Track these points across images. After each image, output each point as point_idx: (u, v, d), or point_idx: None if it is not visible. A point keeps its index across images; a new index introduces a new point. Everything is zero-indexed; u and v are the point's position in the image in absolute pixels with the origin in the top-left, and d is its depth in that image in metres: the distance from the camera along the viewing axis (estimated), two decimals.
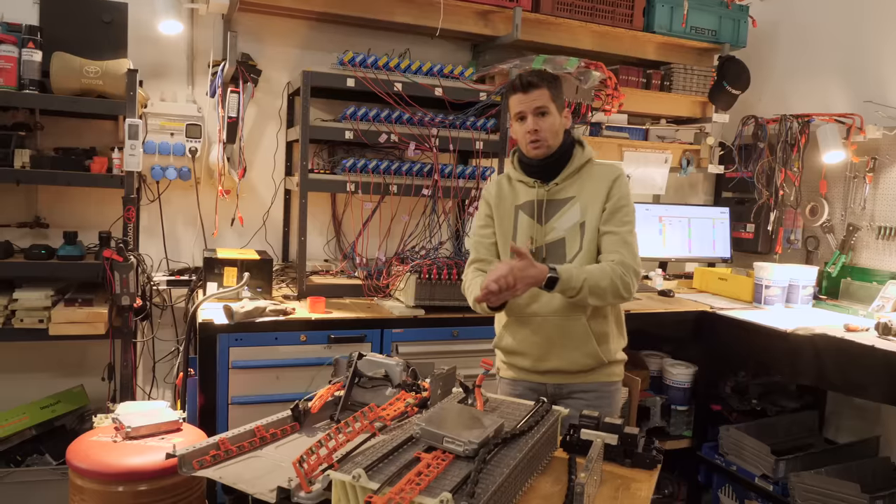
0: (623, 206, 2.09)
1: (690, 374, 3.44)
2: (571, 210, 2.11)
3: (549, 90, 2.07)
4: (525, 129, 2.08)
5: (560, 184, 2.13)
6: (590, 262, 2.07)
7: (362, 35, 3.40)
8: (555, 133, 2.10)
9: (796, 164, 3.67)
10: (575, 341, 2.09)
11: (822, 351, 2.75)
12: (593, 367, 2.12)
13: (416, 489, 1.16)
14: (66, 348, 3.02)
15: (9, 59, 2.58)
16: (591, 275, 1.96)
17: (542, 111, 2.06)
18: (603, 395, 2.14)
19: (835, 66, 3.74)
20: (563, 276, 1.93)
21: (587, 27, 3.49)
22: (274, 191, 3.41)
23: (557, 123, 2.10)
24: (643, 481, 1.56)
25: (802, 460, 3.05)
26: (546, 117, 2.07)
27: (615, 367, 2.18)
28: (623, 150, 3.73)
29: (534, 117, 2.06)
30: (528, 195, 2.16)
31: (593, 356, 2.10)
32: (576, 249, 2.09)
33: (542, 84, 2.06)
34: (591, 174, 2.14)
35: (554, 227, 2.12)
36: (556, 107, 2.08)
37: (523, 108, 2.07)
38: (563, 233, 2.11)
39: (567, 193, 2.13)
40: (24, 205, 3.00)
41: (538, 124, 2.06)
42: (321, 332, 2.63)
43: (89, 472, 2.03)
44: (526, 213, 2.15)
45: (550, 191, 2.13)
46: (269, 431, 1.64)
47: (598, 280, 1.96)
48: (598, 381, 2.14)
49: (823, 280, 3.59)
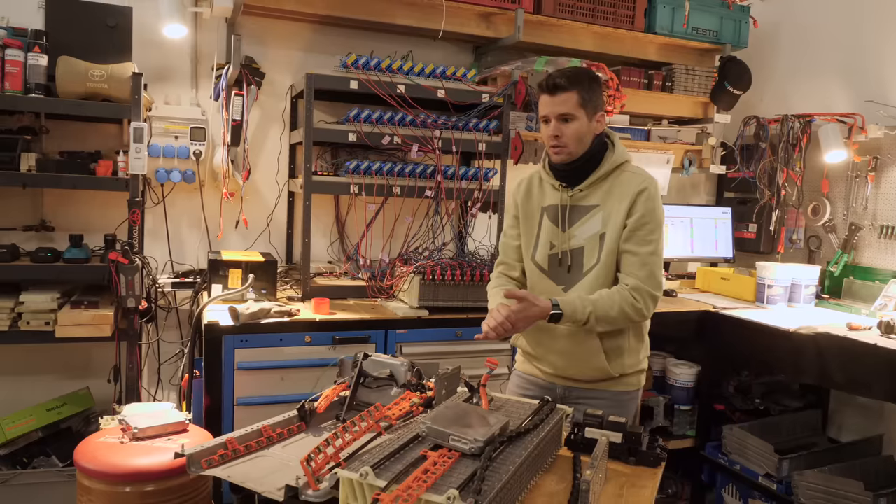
0: (646, 223, 1.98)
1: (693, 373, 3.45)
2: (594, 219, 2.04)
3: (579, 94, 1.96)
4: (548, 132, 2.01)
5: (584, 190, 2.05)
6: (607, 277, 2.02)
7: (365, 38, 3.42)
8: (579, 139, 2.00)
9: (798, 164, 3.68)
10: (585, 355, 2.05)
11: (824, 350, 2.76)
12: (603, 379, 2.08)
13: (423, 486, 1.18)
14: (71, 351, 3.03)
15: (15, 63, 2.60)
16: (597, 305, 1.93)
17: (566, 117, 1.97)
18: (615, 403, 2.06)
19: (836, 65, 3.75)
20: (567, 311, 1.91)
21: (589, 28, 3.50)
22: (278, 193, 3.43)
23: (584, 129, 1.99)
24: (647, 479, 1.57)
25: (806, 459, 3.06)
26: (570, 123, 1.98)
27: (630, 378, 2.11)
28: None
29: (557, 122, 1.98)
30: (553, 198, 2.10)
31: (602, 370, 2.05)
32: (593, 261, 2.03)
33: (570, 87, 1.96)
34: (619, 182, 2.03)
35: (575, 234, 2.05)
36: (585, 112, 1.98)
37: (547, 111, 2.00)
38: (582, 241, 2.04)
39: (591, 201, 2.05)
40: (31, 208, 3.02)
41: (560, 130, 1.98)
42: (326, 334, 2.64)
43: (97, 473, 2.04)
44: (549, 217, 2.10)
45: (574, 196, 2.06)
46: (275, 431, 1.65)
47: (607, 310, 1.93)
48: (610, 390, 2.09)
49: (826, 279, 3.60)
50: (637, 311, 1.96)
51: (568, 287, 2.06)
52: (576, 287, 2.05)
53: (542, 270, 2.11)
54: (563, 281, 2.08)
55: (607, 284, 2.02)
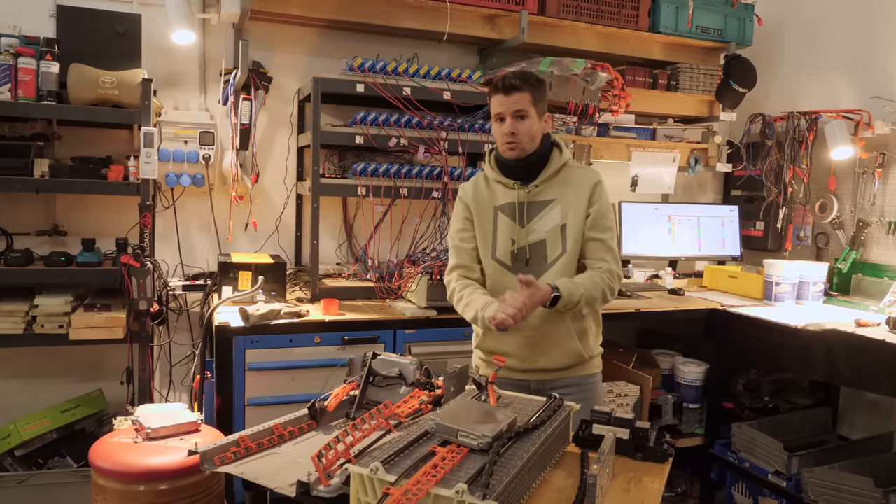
0: (605, 212, 2.16)
1: (702, 371, 3.45)
2: (552, 212, 2.16)
3: (532, 93, 2.09)
4: (503, 130, 2.12)
5: (539, 185, 2.17)
6: (573, 264, 2.14)
7: (371, 41, 3.45)
8: (531, 137, 2.12)
9: (805, 161, 3.68)
10: (558, 341, 2.15)
11: (832, 346, 2.76)
12: (575, 364, 2.18)
13: (432, 481, 1.20)
14: (85, 353, 3.07)
15: (28, 71, 2.64)
16: (586, 288, 2.05)
17: (521, 115, 2.09)
18: (585, 387, 2.20)
19: (841, 62, 3.75)
20: (565, 293, 2.00)
21: (593, 29, 3.52)
22: (286, 196, 3.46)
23: (535, 128, 2.12)
24: (655, 474, 1.59)
25: (816, 456, 3.05)
26: (524, 121, 2.09)
27: (595, 360, 2.25)
28: (631, 150, 3.76)
29: (512, 120, 2.09)
30: (507, 196, 2.19)
31: (576, 354, 2.16)
32: (558, 251, 2.14)
33: (524, 87, 2.08)
34: (571, 178, 2.18)
35: (535, 228, 2.16)
36: (536, 111, 2.11)
37: (503, 109, 2.10)
38: (543, 234, 2.16)
39: (547, 196, 2.17)
40: (44, 213, 3.07)
41: (515, 127, 2.09)
42: (335, 334, 2.67)
43: (111, 472, 2.08)
44: (506, 214, 2.19)
45: (531, 192, 2.17)
46: (287, 429, 1.68)
47: (592, 292, 2.06)
48: (579, 375, 2.20)
49: (834, 276, 3.60)
50: (611, 291, 2.12)
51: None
52: (543, 277, 2.12)
53: (504, 267, 2.18)
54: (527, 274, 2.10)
55: (573, 272, 2.14)
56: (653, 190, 3.90)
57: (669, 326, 3.64)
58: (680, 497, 3.53)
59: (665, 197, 4.10)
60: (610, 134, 3.74)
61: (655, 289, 3.61)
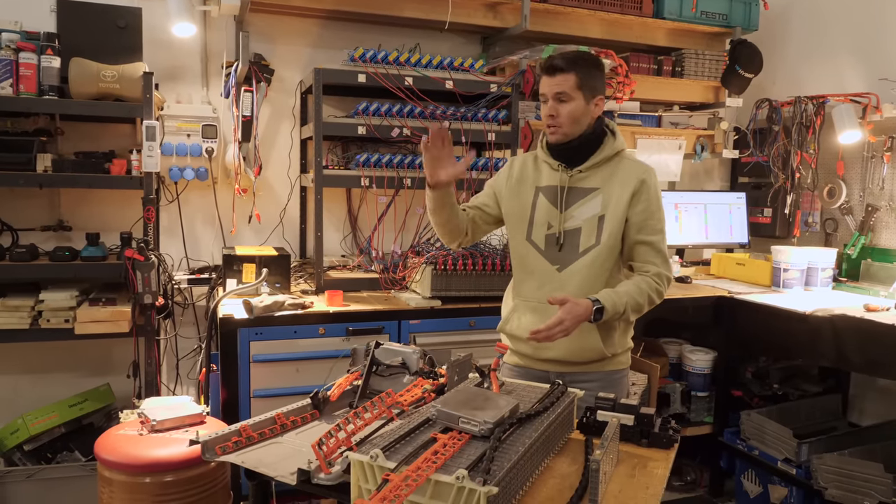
0: (654, 212, 2.07)
1: (710, 359, 3.43)
2: (593, 201, 2.07)
3: (577, 75, 2.00)
4: (545, 112, 2.07)
5: (584, 171, 2.08)
6: (607, 258, 2.05)
7: (372, 31, 3.43)
8: (574, 120, 2.03)
9: (812, 146, 3.64)
10: (579, 336, 2.03)
11: (841, 331, 2.73)
12: (597, 360, 2.10)
13: (432, 467, 1.19)
14: (91, 348, 3.08)
15: (29, 66, 2.65)
16: (630, 296, 1.99)
17: (562, 97, 2.01)
18: (608, 383, 2.09)
19: (848, 45, 3.70)
20: (608, 305, 1.94)
21: (596, 15, 3.49)
22: (290, 188, 3.45)
23: (579, 111, 2.03)
24: (660, 460, 1.57)
25: (825, 443, 3.03)
26: (566, 104, 2.01)
27: (621, 357, 2.15)
28: (636, 137, 3.73)
29: (553, 102, 2.03)
30: (550, 179, 2.12)
31: (595, 350, 2.07)
32: (591, 242, 2.06)
33: (568, 69, 2.00)
34: (620, 169, 2.09)
35: (573, 215, 2.08)
36: (582, 94, 2.01)
37: (545, 91, 2.04)
38: (580, 222, 2.07)
39: (591, 183, 2.08)
40: (48, 208, 3.08)
41: (556, 110, 2.02)
42: (339, 325, 2.66)
43: (117, 465, 2.08)
44: (546, 196, 2.12)
45: (574, 177, 2.09)
46: (289, 419, 1.67)
47: (637, 298, 2.00)
48: (602, 371, 2.11)
49: (843, 262, 3.56)
50: (659, 295, 2.05)
51: (563, 267, 2.07)
52: (572, 266, 2.06)
53: (538, 250, 2.12)
54: (557, 261, 2.08)
55: (606, 266, 2.06)
56: (659, 178, 3.83)
57: (677, 314, 3.60)
58: (689, 485, 3.52)
59: (671, 185, 4.06)
60: (614, 121, 3.70)
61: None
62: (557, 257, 2.09)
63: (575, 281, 2.05)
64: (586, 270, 2.04)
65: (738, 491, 3.37)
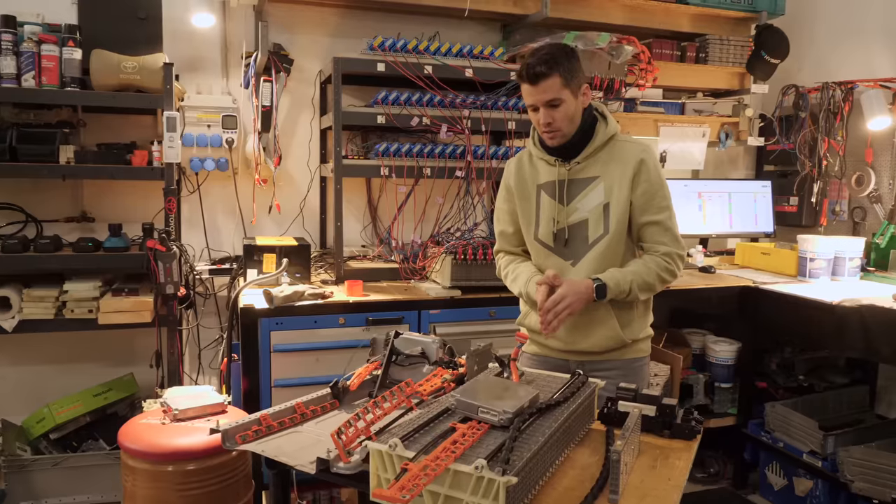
0: (657, 190, 2.00)
1: (734, 350, 3.39)
2: (595, 191, 2.02)
3: (561, 75, 1.92)
4: (538, 120, 2.00)
5: (582, 162, 2.03)
6: (616, 246, 2.02)
7: (391, 20, 3.41)
8: (570, 120, 1.98)
9: (840, 133, 3.56)
10: (598, 323, 2.03)
11: (870, 322, 2.67)
12: (617, 348, 2.07)
13: (451, 457, 1.18)
14: (115, 338, 3.11)
15: (51, 58, 2.67)
16: (636, 274, 1.96)
17: (554, 103, 1.94)
18: (629, 371, 2.08)
19: (878, 28, 3.60)
20: (611, 283, 1.93)
21: (618, 1, 3.44)
22: (310, 178, 3.46)
23: (573, 109, 1.97)
24: (682, 451, 1.55)
25: (852, 435, 2.98)
26: (559, 108, 1.95)
27: (641, 344, 2.12)
28: (659, 125, 3.67)
29: (545, 109, 1.95)
30: (549, 174, 2.08)
31: (616, 338, 2.04)
32: (599, 232, 2.02)
33: (551, 72, 1.91)
34: (616, 152, 2.03)
35: (577, 207, 2.04)
36: (570, 91, 1.94)
37: (533, 100, 1.96)
38: (585, 214, 2.02)
39: (590, 172, 2.03)
40: (71, 200, 3.11)
41: (551, 116, 1.95)
42: (359, 315, 2.66)
43: (139, 453, 2.11)
44: (547, 193, 2.08)
45: (572, 170, 2.04)
46: (309, 408, 1.68)
47: (646, 277, 1.97)
48: (623, 359, 2.08)
49: (871, 251, 3.48)
50: (670, 273, 2.00)
51: (576, 261, 2.04)
52: (585, 258, 2.03)
53: (547, 248, 2.09)
54: (569, 256, 2.05)
55: (618, 253, 2.03)
56: (682, 166, 3.81)
57: (700, 305, 3.55)
58: (713, 477, 3.48)
59: (695, 173, 4.00)
60: (637, 109, 3.65)
61: (686, 267, 3.52)
62: (568, 252, 2.06)
63: (589, 272, 2.01)
64: (599, 260, 2.01)
65: (763, 483, 3.33)
